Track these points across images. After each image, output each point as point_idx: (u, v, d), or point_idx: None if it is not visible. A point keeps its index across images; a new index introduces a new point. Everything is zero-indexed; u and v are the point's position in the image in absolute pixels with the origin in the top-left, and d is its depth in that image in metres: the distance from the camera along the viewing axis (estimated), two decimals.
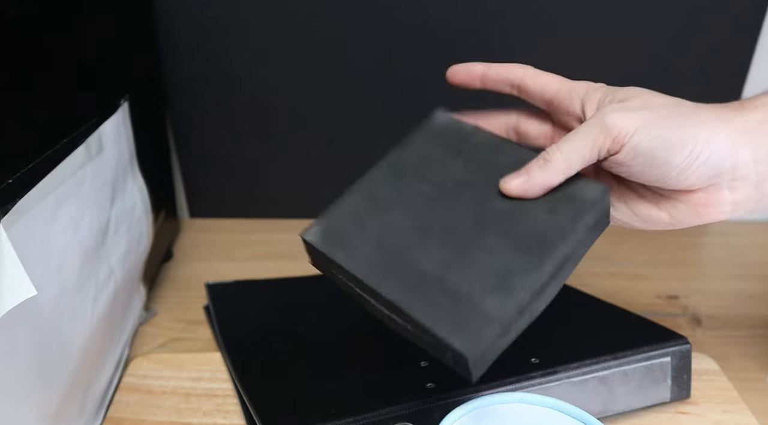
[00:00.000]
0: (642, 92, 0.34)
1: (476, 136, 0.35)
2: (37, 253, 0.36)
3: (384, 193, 0.33)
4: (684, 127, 0.30)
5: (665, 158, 0.30)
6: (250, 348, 0.53)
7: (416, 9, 0.68)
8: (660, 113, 0.31)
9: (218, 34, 0.69)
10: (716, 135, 0.30)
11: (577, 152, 0.31)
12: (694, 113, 0.31)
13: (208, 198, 0.80)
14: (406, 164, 0.34)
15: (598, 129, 0.31)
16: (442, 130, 0.36)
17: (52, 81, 0.41)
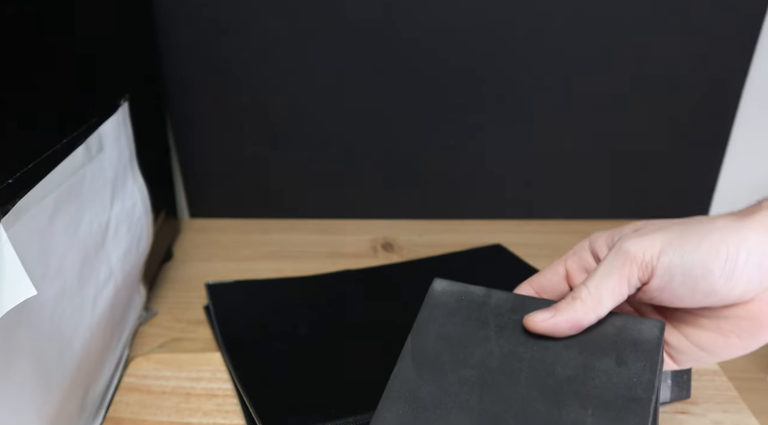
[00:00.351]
0: (649, 221, 0.32)
1: (492, 299, 0.32)
2: (37, 253, 0.36)
3: (425, 393, 0.29)
4: (708, 235, 0.28)
5: (703, 268, 0.28)
6: (250, 348, 0.53)
7: (416, 9, 0.68)
8: (677, 229, 0.29)
9: (218, 34, 0.69)
10: (745, 237, 0.28)
11: (606, 287, 0.29)
12: (711, 222, 0.29)
13: (208, 198, 0.80)
14: (435, 353, 0.30)
15: (620, 260, 0.29)
16: (452, 301, 0.33)
17: (52, 81, 0.41)
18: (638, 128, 0.74)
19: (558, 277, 0.35)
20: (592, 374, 0.28)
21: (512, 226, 0.78)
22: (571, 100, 0.73)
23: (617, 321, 0.30)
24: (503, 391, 0.28)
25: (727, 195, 0.78)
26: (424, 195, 0.79)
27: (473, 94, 0.73)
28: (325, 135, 0.75)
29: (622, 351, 0.29)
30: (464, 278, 0.66)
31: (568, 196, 0.79)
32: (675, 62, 0.70)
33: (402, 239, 0.75)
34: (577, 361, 0.29)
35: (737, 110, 0.73)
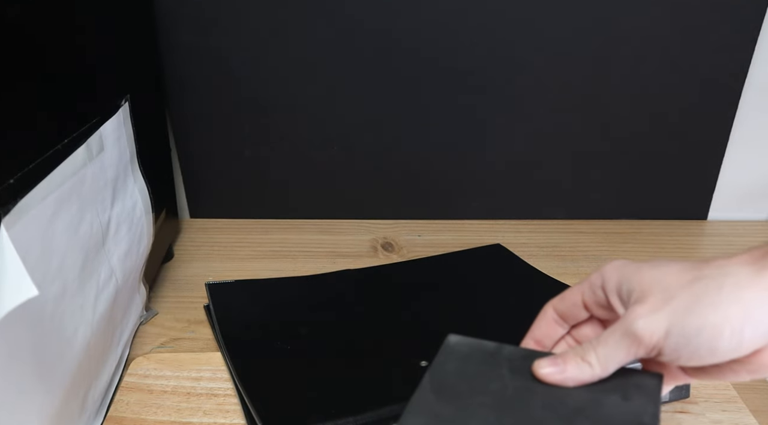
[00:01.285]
0: (656, 277, 0.32)
1: (504, 350, 0.35)
2: (38, 253, 0.36)
3: (445, 412, 0.32)
4: (714, 308, 0.29)
5: (709, 346, 0.29)
6: (250, 348, 0.53)
7: (417, 10, 0.68)
8: (683, 300, 0.30)
9: (218, 35, 0.69)
10: (751, 312, 0.28)
11: (614, 359, 0.31)
12: (716, 288, 0.30)
13: (208, 198, 0.80)
14: (452, 385, 0.33)
15: (629, 340, 0.30)
16: (465, 349, 0.36)
17: (53, 82, 0.41)
18: (638, 128, 0.74)
19: (577, 307, 0.36)
20: (601, 405, 0.31)
21: (512, 226, 0.78)
22: (571, 101, 0.73)
23: (620, 371, 0.32)
24: (519, 413, 0.31)
25: (727, 195, 0.78)
26: (424, 195, 0.79)
27: (473, 95, 0.73)
28: (325, 135, 0.75)
29: (626, 390, 0.32)
30: (464, 278, 0.66)
31: (568, 196, 0.79)
32: (675, 62, 0.70)
33: (402, 239, 0.75)
34: (586, 396, 0.32)
35: (737, 111, 0.73)
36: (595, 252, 0.72)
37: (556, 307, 0.38)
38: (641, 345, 0.30)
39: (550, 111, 0.74)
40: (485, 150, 0.76)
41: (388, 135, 0.75)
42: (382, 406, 0.45)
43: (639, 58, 0.70)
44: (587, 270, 0.69)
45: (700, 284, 0.30)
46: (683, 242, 0.75)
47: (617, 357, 0.31)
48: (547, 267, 0.67)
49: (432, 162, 0.77)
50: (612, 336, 0.31)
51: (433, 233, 0.77)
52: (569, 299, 0.37)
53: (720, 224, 0.79)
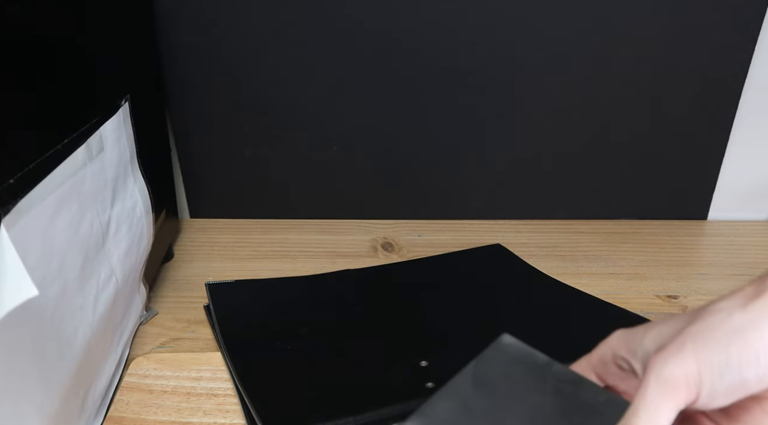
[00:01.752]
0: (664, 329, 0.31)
1: (553, 367, 0.34)
2: (38, 253, 0.36)
3: (477, 405, 0.32)
4: (734, 338, 0.28)
5: (740, 377, 0.28)
6: (250, 348, 0.54)
7: (417, 10, 0.68)
8: (701, 337, 0.29)
9: (218, 34, 0.69)
10: (764, 333, 0.28)
11: (658, 418, 0.28)
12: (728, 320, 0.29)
13: (208, 198, 0.80)
14: (494, 380, 0.33)
15: (666, 389, 0.28)
16: (517, 353, 0.35)
17: (53, 81, 0.41)
18: (638, 128, 0.74)
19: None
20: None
21: (512, 226, 0.78)
22: (570, 100, 0.73)
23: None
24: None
25: (727, 195, 0.78)
26: (424, 195, 0.79)
27: (473, 95, 0.73)
28: (325, 135, 0.75)
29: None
30: (464, 278, 0.66)
31: (568, 196, 0.79)
32: (675, 62, 0.70)
33: (402, 239, 0.75)
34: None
35: (737, 111, 0.73)
36: (595, 252, 0.73)
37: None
38: (679, 390, 0.28)
39: (550, 111, 0.74)
40: (485, 150, 0.76)
41: (388, 135, 0.75)
42: (382, 406, 0.45)
43: (639, 58, 0.70)
44: (587, 270, 0.69)
45: (708, 320, 0.29)
46: (683, 242, 0.75)
47: (662, 416, 0.28)
48: (547, 267, 0.67)
49: (432, 162, 0.77)
50: (647, 393, 0.29)
51: (433, 233, 0.77)
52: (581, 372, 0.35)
53: (720, 224, 0.79)
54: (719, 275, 0.68)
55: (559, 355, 0.46)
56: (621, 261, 0.70)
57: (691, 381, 0.28)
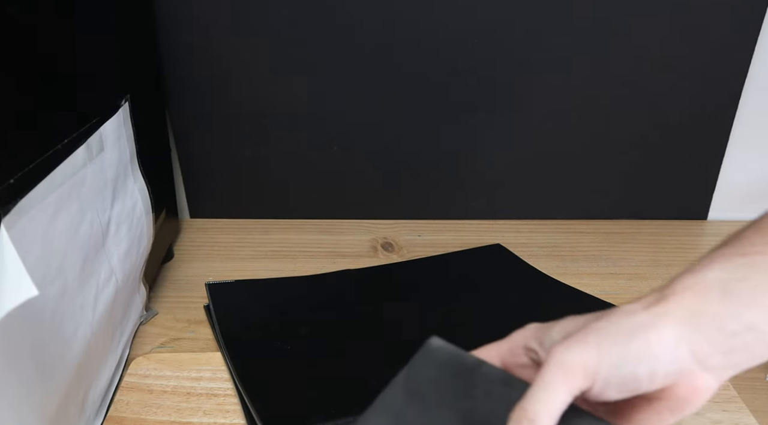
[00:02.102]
0: (571, 323, 0.32)
1: (483, 367, 0.34)
2: (39, 253, 0.36)
3: (409, 415, 0.32)
4: (633, 335, 0.29)
5: (634, 374, 0.29)
6: (250, 348, 0.54)
7: (417, 10, 0.68)
8: (603, 333, 0.30)
9: (218, 35, 0.69)
10: (662, 334, 0.29)
11: (553, 405, 0.29)
12: (632, 318, 0.30)
13: (208, 198, 0.80)
14: (424, 389, 0.33)
15: (563, 372, 0.29)
16: (446, 358, 0.35)
17: (53, 82, 0.41)
18: (638, 128, 0.74)
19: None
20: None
21: (512, 226, 0.78)
22: (570, 101, 0.73)
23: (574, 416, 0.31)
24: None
25: (727, 195, 0.78)
26: (424, 195, 0.79)
27: (473, 95, 0.73)
28: (325, 135, 0.75)
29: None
30: (464, 278, 0.66)
31: (568, 196, 0.79)
32: (675, 62, 0.70)
33: (402, 239, 0.75)
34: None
35: (737, 111, 0.73)
36: (595, 252, 0.73)
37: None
38: (576, 375, 0.29)
39: (550, 111, 0.74)
40: (485, 150, 0.76)
41: (388, 135, 0.75)
42: None
43: (639, 58, 0.70)
44: (587, 270, 0.69)
45: (612, 318, 0.31)
46: (683, 242, 0.75)
47: (558, 396, 0.29)
48: (547, 267, 0.67)
49: (432, 162, 0.77)
50: (546, 374, 0.30)
51: (433, 233, 0.77)
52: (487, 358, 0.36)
53: (720, 224, 0.79)
54: None
55: None
56: (621, 261, 0.70)
57: (588, 368, 0.29)
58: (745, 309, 0.28)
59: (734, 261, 0.29)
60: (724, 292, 0.29)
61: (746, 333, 0.28)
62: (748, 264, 0.29)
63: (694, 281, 0.30)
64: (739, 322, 0.28)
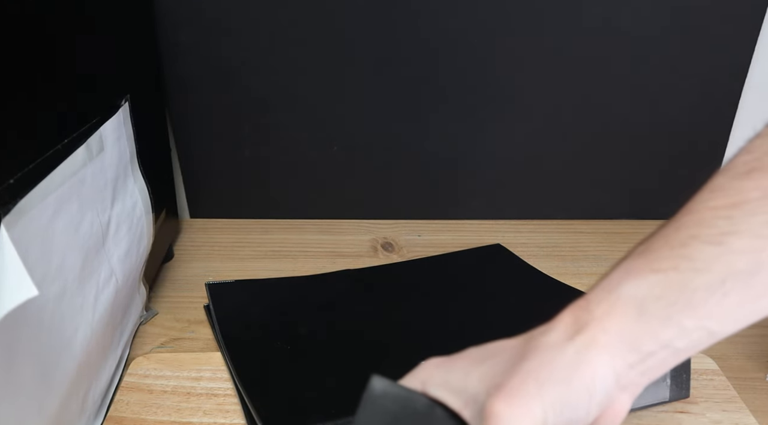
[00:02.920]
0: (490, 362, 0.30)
1: (436, 411, 0.31)
2: (39, 253, 0.36)
3: None
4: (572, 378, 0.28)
5: (575, 415, 0.28)
6: (251, 348, 0.54)
7: (416, 9, 0.68)
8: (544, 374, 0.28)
9: (218, 35, 0.69)
10: (596, 369, 0.28)
11: None
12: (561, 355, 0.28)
13: (208, 198, 0.80)
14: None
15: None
16: (393, 406, 0.32)
17: (53, 81, 0.41)
18: (638, 128, 0.74)
19: None
20: None
21: (512, 226, 0.78)
22: (570, 101, 0.73)
23: None
24: None
25: None
26: (424, 195, 0.79)
27: (473, 95, 0.73)
28: (325, 135, 0.75)
29: None
30: (464, 278, 0.66)
31: (568, 196, 0.79)
32: (675, 62, 0.70)
33: (402, 239, 0.75)
34: None
35: (737, 111, 0.73)
36: (595, 252, 0.73)
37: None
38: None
39: (550, 111, 0.74)
40: (485, 150, 0.76)
41: (388, 135, 0.75)
42: None
43: (639, 58, 0.70)
44: (587, 270, 0.69)
45: (542, 357, 0.29)
46: None
47: None
48: (547, 267, 0.67)
49: (432, 162, 0.77)
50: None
51: (433, 233, 0.77)
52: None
53: None
54: None
55: None
56: None
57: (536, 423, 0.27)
58: (661, 329, 0.27)
59: (648, 278, 0.28)
60: (640, 312, 0.28)
61: (661, 350, 0.27)
62: (662, 281, 0.28)
63: (609, 301, 0.29)
64: (657, 342, 0.27)
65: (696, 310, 0.27)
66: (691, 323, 0.27)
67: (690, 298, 0.27)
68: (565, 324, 0.30)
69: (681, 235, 0.29)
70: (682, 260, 0.28)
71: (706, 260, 0.27)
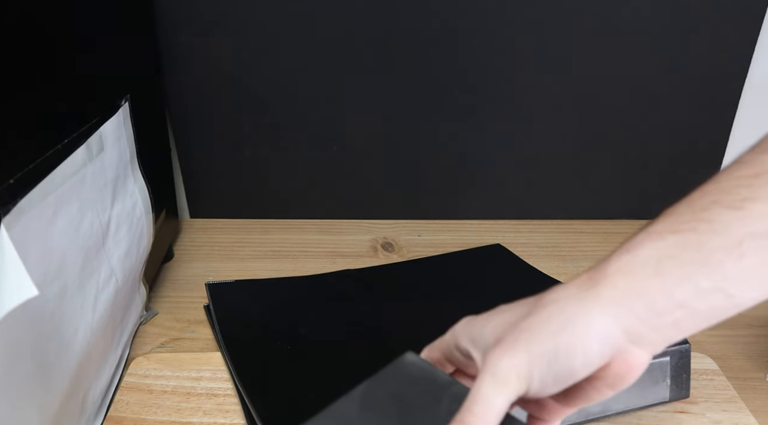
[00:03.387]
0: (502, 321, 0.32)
1: (453, 387, 0.33)
2: (39, 253, 0.36)
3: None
4: (562, 330, 0.29)
5: (567, 368, 0.29)
6: (251, 348, 0.53)
7: (416, 10, 0.68)
8: (532, 332, 0.30)
9: (218, 35, 0.69)
10: (591, 323, 0.29)
11: (490, 418, 0.29)
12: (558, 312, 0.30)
13: (208, 198, 0.80)
14: (383, 402, 0.32)
15: (499, 385, 0.29)
16: (417, 373, 0.34)
17: (53, 82, 0.41)
18: (638, 128, 0.74)
19: (442, 364, 0.36)
20: None
21: (512, 226, 0.78)
22: (570, 101, 0.73)
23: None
24: None
25: None
26: (424, 195, 0.79)
27: (473, 95, 0.73)
28: (325, 135, 0.75)
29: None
30: (464, 278, 0.66)
31: (568, 196, 0.79)
32: (675, 62, 0.70)
33: (402, 239, 0.75)
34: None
35: (737, 111, 0.73)
36: (595, 252, 0.72)
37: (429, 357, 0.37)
38: (510, 384, 0.29)
39: (550, 111, 0.74)
40: (485, 150, 0.76)
41: (388, 135, 0.75)
42: None
43: (639, 58, 0.70)
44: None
45: (542, 313, 0.30)
46: None
47: (494, 409, 0.29)
48: (547, 267, 0.67)
49: (432, 162, 0.77)
50: (481, 387, 0.30)
51: (433, 233, 0.77)
52: (433, 358, 0.36)
53: None
54: None
55: None
56: None
57: (521, 375, 0.29)
58: (676, 287, 0.28)
59: (666, 239, 0.29)
60: (656, 271, 0.28)
61: (677, 310, 0.28)
62: (680, 241, 0.29)
63: (626, 260, 0.30)
64: (671, 300, 0.28)
65: (712, 270, 0.28)
66: (707, 283, 0.28)
67: (707, 258, 0.28)
68: (578, 282, 0.31)
69: (704, 200, 0.30)
70: (702, 222, 0.29)
71: (724, 222, 0.28)
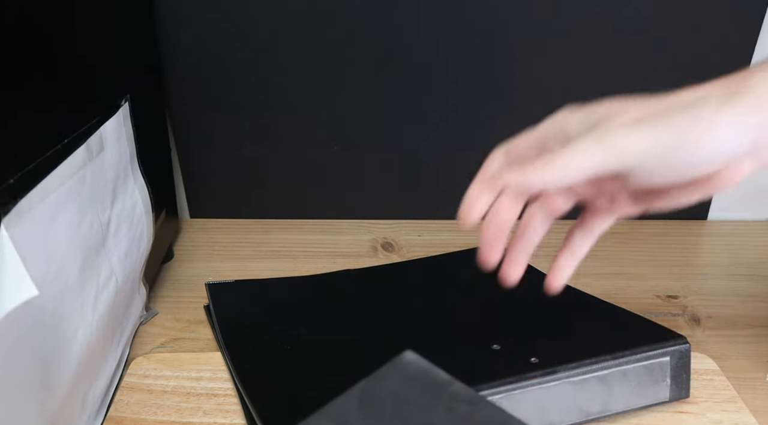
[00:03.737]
0: (625, 103, 0.32)
1: (452, 386, 0.32)
2: (39, 253, 0.36)
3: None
4: (693, 123, 0.28)
5: (686, 161, 0.28)
6: (250, 348, 0.53)
7: (416, 9, 0.68)
8: (661, 117, 0.29)
9: (218, 34, 0.69)
10: (731, 122, 0.28)
11: (577, 168, 0.29)
12: (692, 106, 0.29)
13: (208, 198, 0.80)
14: (381, 401, 0.32)
15: (603, 153, 0.28)
16: (416, 371, 0.34)
17: (53, 81, 0.41)
18: None
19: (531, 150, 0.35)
20: None
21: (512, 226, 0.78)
22: (571, 100, 0.73)
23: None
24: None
25: (727, 195, 0.78)
26: (424, 195, 0.79)
27: (473, 94, 0.73)
28: (325, 135, 0.75)
29: None
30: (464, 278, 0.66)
31: None
32: (675, 61, 0.70)
33: (402, 239, 0.75)
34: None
35: None
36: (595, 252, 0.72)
37: (509, 151, 0.36)
38: (613, 153, 0.28)
39: (551, 111, 0.74)
40: (485, 150, 0.76)
41: (388, 135, 0.75)
42: None
43: (639, 57, 0.70)
44: (587, 270, 0.68)
45: (680, 102, 0.30)
46: (683, 242, 0.75)
47: (583, 162, 0.28)
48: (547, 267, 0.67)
49: (432, 162, 0.77)
50: (581, 141, 0.28)
51: (433, 233, 0.77)
52: (523, 144, 0.35)
53: (720, 224, 0.79)
54: (719, 275, 0.68)
55: (559, 355, 0.46)
56: (621, 261, 0.70)
57: (633, 150, 0.28)
58: None
59: None
60: None
61: None
62: None
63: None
64: None
65: None
66: None
67: None
68: (718, 85, 0.30)
69: None
70: None
71: None
